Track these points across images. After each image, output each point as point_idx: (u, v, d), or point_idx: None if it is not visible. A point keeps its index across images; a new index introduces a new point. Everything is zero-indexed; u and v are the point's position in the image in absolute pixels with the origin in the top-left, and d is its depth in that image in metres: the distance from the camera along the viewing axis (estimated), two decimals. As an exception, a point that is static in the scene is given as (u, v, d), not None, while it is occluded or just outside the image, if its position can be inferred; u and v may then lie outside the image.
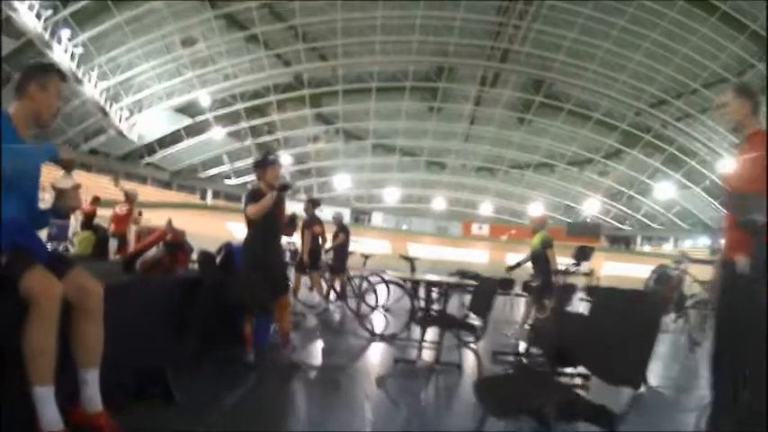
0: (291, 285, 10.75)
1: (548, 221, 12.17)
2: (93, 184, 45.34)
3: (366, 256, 13.53)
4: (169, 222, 7.39)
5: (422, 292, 9.50)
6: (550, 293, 10.49)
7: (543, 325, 8.04)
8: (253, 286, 6.44)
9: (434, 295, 9.21)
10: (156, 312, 5.69)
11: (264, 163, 6.80)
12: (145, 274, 6.18)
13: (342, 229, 13.82)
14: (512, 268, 11.60)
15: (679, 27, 44.86)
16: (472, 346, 6.79)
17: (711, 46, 45.32)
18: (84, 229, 15.07)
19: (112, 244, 14.13)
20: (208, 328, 6.64)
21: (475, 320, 6.66)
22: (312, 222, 12.69)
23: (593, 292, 15.48)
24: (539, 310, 9.97)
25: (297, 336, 8.61)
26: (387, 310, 9.47)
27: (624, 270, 49.63)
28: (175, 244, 6.69)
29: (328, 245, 13.66)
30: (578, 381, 6.59)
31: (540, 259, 10.91)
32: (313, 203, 13.11)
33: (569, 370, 6.58)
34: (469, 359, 7.83)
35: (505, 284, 15.51)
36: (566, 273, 8.78)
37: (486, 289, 6.83)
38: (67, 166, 4.03)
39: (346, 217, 61.53)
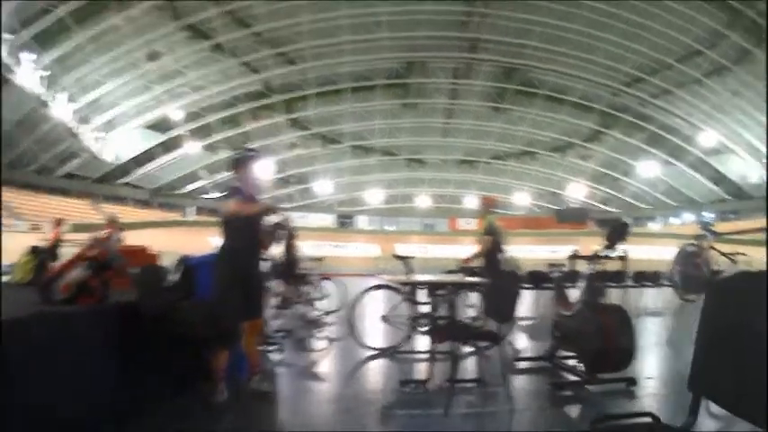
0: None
1: (494, 203, 10.52)
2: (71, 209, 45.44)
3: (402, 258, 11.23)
4: (100, 237, 6.57)
5: (422, 296, 8.25)
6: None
7: (571, 323, 6.63)
8: (221, 309, 5.37)
9: (439, 299, 7.85)
10: (82, 350, 4.55)
11: (243, 160, 5.88)
12: (67, 302, 5.07)
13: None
14: (466, 262, 10.22)
15: (648, 2, 44.47)
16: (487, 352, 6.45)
17: (682, 19, 44.91)
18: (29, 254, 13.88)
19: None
20: (161, 364, 5.23)
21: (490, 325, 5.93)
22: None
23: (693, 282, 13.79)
24: (562, 305, 8.21)
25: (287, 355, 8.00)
26: (385, 319, 8.35)
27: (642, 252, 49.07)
28: (102, 263, 5.62)
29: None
30: (622, 385, 5.94)
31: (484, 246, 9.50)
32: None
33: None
34: (495, 371, 6.31)
35: (537, 278, 14.41)
36: (597, 258, 7.42)
37: (506, 287, 5.77)
38: None
39: (330, 222, 61.57)
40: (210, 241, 38.16)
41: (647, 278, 14.52)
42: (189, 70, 49.18)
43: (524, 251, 55.48)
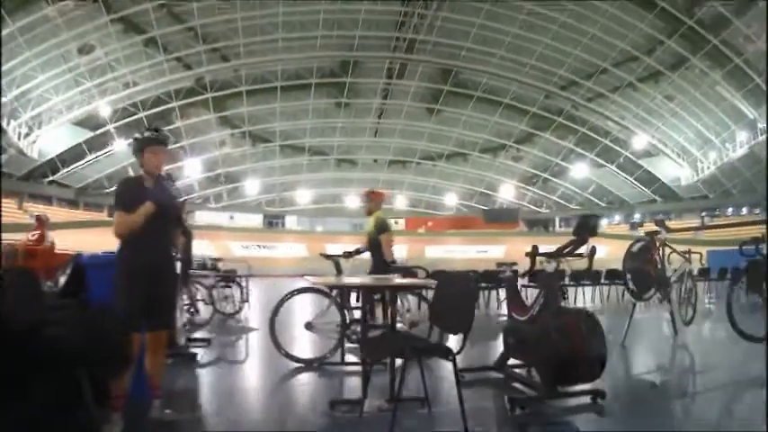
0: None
1: (382, 199, 9.37)
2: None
3: (331, 257, 9.38)
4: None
5: (351, 300, 7.62)
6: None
7: (529, 328, 5.63)
8: (116, 319, 3.86)
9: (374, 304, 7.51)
10: None
11: (142, 143, 4.51)
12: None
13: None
14: (350, 254, 9.03)
15: (587, 8, 45.10)
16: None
17: (620, 25, 45.78)
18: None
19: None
20: (33, 391, 3.31)
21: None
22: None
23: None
24: (516, 308, 6.63)
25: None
26: (310, 326, 7.27)
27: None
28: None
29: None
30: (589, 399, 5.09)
31: (376, 247, 8.66)
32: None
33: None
34: (439, 387, 5.60)
35: (490, 277, 13.87)
36: (561, 255, 6.19)
37: (459, 290, 4.57)
38: None
39: (258, 222, 60.76)
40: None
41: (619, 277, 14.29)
42: (120, 65, 48.04)
43: (453, 251, 55.96)
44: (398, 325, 6.74)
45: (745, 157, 48.88)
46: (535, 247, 6.87)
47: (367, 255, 8.72)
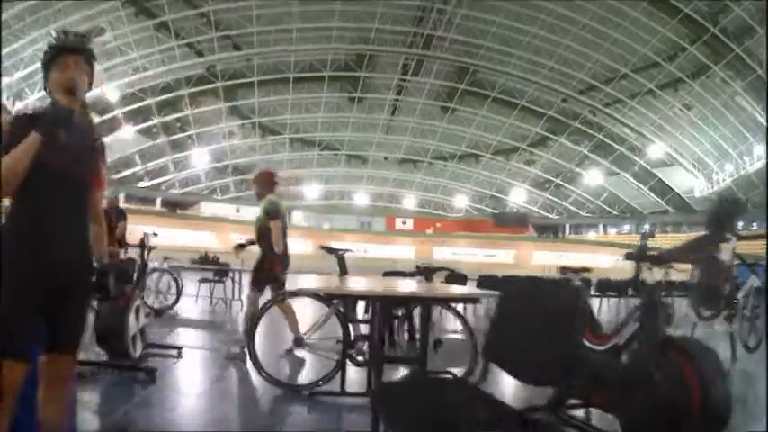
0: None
1: (275, 180, 7.95)
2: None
3: (334, 251, 7.44)
4: None
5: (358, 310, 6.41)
6: (275, 283, 7.26)
7: (613, 363, 4.02)
8: None
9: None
10: None
11: (48, 57, 2.83)
12: None
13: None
14: (242, 246, 7.95)
15: (610, 11, 44.09)
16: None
17: (643, 30, 44.74)
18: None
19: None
20: None
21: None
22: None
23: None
24: (591, 333, 4.68)
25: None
26: (300, 342, 6.00)
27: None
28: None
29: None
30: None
31: (263, 236, 7.43)
32: None
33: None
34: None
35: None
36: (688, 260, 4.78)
37: (551, 310, 2.61)
38: None
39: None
40: (142, 231, 35.96)
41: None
42: (130, 49, 47.10)
43: (461, 254, 55.09)
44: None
45: (761, 171, 47.77)
46: (643, 248, 5.06)
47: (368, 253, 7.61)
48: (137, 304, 6.16)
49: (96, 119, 49.79)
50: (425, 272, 7.44)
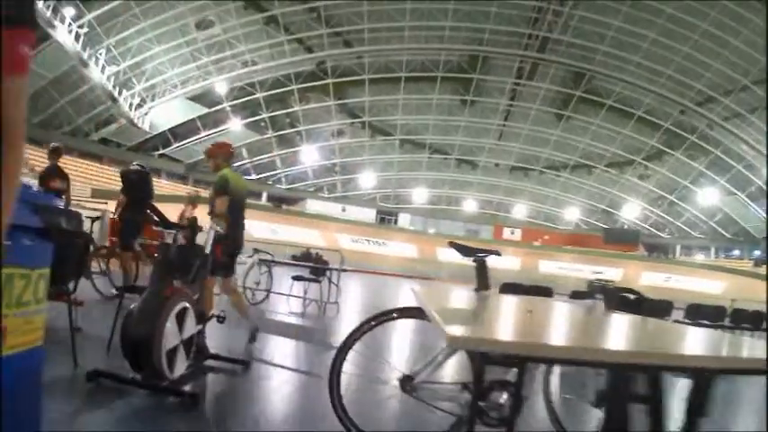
0: None
1: (230, 153, 7.13)
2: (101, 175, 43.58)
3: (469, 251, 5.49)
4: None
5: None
6: (221, 268, 6.39)
7: None
8: None
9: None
10: None
11: None
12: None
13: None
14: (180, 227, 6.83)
15: (730, 17, 41.69)
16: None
17: (764, 38, 41.63)
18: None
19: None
20: None
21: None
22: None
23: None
24: None
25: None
26: (410, 384, 3.35)
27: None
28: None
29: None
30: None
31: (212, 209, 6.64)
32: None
33: None
34: None
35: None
36: None
37: None
38: None
39: (371, 217, 59.19)
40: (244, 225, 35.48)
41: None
42: (239, 43, 47.27)
43: (567, 269, 53.03)
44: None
45: None
46: None
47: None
48: (182, 306, 4.70)
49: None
50: (605, 294, 5.31)
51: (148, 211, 7.12)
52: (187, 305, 4.71)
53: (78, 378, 4.37)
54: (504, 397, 3.07)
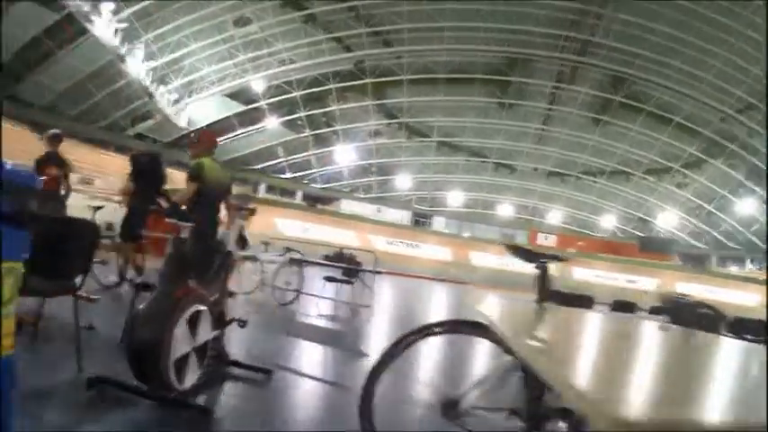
0: None
1: (213, 143, 7.33)
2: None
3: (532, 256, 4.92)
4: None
5: None
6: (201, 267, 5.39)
7: None
8: None
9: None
10: None
11: None
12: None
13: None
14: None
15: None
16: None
17: (765, 38, 40.86)
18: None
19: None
20: None
21: None
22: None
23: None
24: None
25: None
26: (454, 410, 2.79)
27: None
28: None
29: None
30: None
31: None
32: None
33: None
34: None
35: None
36: None
37: None
38: None
39: (405, 218, 58.83)
40: (277, 223, 35.12)
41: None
42: (277, 41, 47.27)
43: (602, 277, 52.21)
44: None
45: None
46: None
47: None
48: (195, 309, 4.27)
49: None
50: (679, 309, 4.52)
51: (159, 199, 6.87)
52: (202, 308, 4.28)
53: (79, 385, 3.99)
54: (564, 427, 2.56)
